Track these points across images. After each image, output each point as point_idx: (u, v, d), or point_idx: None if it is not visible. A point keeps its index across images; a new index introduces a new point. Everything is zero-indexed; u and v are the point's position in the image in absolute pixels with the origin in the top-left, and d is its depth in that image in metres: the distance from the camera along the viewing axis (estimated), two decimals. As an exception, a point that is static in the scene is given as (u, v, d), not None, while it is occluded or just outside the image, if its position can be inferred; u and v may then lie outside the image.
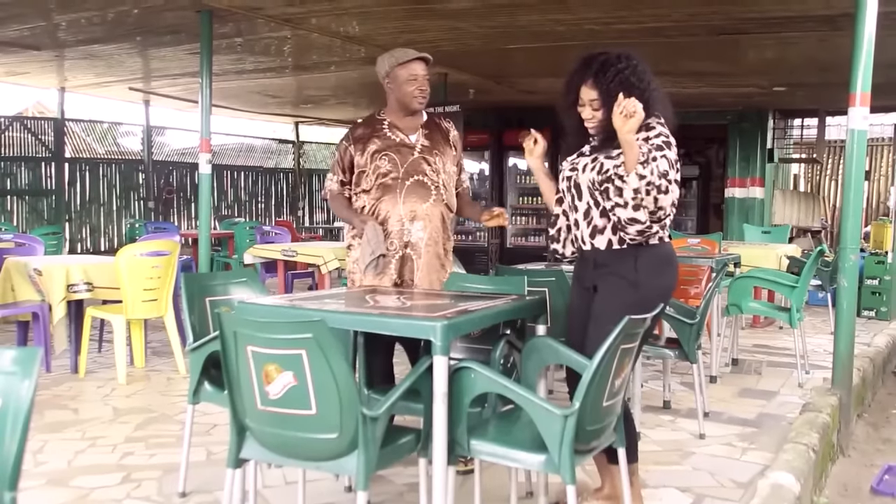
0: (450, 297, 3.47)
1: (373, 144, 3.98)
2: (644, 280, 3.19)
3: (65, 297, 5.78)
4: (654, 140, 3.09)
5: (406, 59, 3.94)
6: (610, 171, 3.11)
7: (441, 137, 4.08)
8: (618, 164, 3.09)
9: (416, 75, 3.93)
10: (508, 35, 8.59)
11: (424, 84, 3.96)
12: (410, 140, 4.01)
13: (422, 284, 3.94)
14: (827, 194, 18.06)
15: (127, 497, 3.65)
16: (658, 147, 3.06)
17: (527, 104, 13.40)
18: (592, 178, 3.21)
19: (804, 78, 10.89)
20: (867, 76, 4.62)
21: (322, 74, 11.59)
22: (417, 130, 4.04)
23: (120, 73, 11.66)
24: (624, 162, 3.04)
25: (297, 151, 19.14)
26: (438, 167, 4.00)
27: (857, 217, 4.78)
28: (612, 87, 3.11)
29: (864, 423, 5.49)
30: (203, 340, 3.57)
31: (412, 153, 3.98)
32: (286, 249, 7.99)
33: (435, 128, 4.11)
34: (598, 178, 3.18)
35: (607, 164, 3.15)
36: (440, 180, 4.00)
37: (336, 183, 4.09)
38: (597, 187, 3.20)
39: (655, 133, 3.13)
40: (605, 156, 3.18)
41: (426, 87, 3.97)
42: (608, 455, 3.28)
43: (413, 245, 3.94)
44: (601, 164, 3.18)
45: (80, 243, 14.57)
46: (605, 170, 3.15)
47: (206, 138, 7.43)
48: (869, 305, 9.23)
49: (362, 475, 2.54)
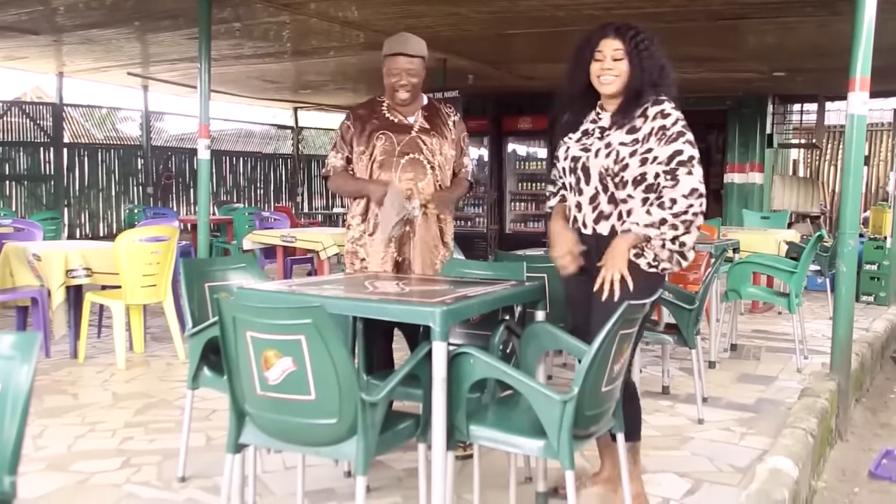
0: (449, 282, 3.47)
1: (370, 125, 4.00)
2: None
3: (64, 283, 5.78)
4: (673, 128, 3.09)
5: (390, 52, 3.94)
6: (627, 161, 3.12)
7: (440, 122, 4.08)
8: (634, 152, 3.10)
9: (398, 69, 3.91)
10: (507, 20, 8.56)
11: (404, 79, 3.92)
12: (408, 121, 4.03)
13: (416, 262, 3.94)
14: (826, 179, 18.03)
15: (126, 482, 3.66)
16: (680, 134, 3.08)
17: (526, 90, 13.37)
18: (607, 165, 3.16)
19: (804, 63, 10.86)
20: (867, 61, 4.60)
21: (321, 60, 11.55)
22: (416, 112, 4.05)
23: (118, 58, 11.62)
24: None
25: (296, 137, 19.09)
26: (434, 148, 4.00)
27: (857, 202, 4.78)
28: (638, 40, 3.13)
29: (862, 407, 5.50)
30: (202, 326, 3.57)
31: (409, 133, 3.99)
32: (285, 235, 7.99)
33: (435, 112, 4.10)
34: (615, 167, 3.14)
35: (624, 151, 3.12)
36: (436, 161, 4.00)
37: (341, 159, 4.08)
38: (610, 174, 3.16)
39: (672, 120, 3.11)
40: (620, 142, 3.14)
41: (407, 81, 3.92)
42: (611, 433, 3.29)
43: (410, 222, 3.93)
44: (616, 153, 3.14)
45: (79, 229, 14.56)
46: (621, 158, 3.12)
47: (205, 124, 7.40)
48: (868, 290, 9.23)
49: (361, 460, 2.54)
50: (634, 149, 3.11)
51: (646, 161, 3.10)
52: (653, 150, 3.09)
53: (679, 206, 3.01)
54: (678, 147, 3.06)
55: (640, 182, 3.12)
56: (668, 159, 3.05)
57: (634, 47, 3.13)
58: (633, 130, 3.14)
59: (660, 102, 3.14)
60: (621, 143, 3.14)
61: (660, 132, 3.10)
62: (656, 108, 3.13)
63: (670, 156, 3.05)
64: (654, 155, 3.09)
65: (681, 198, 3.01)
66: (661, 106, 3.13)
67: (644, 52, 3.13)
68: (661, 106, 3.13)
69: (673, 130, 3.08)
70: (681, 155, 3.05)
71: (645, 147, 3.11)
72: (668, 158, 3.05)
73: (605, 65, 3.17)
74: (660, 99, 3.15)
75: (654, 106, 3.14)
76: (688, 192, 3.01)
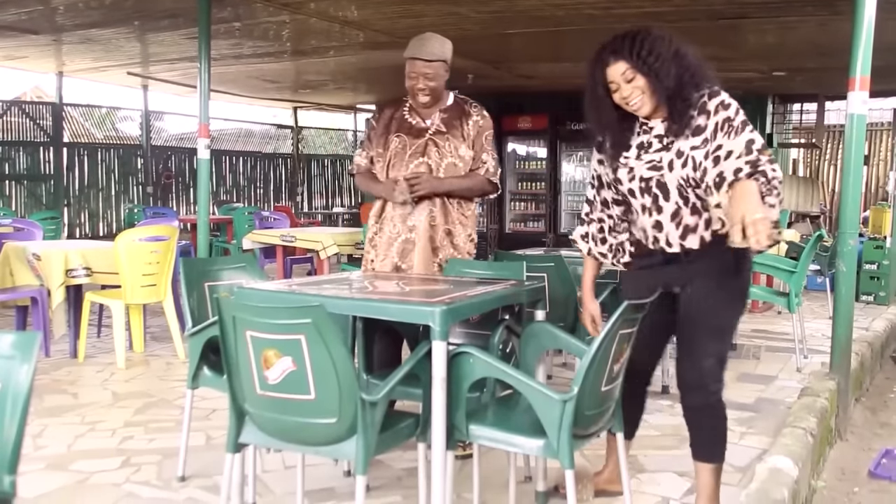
0: (448, 282, 3.47)
1: (390, 126, 4.06)
2: (743, 265, 3.04)
3: (63, 282, 5.78)
4: (737, 119, 2.87)
5: (408, 55, 3.94)
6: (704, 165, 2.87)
7: (461, 122, 4.06)
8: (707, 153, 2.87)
9: (416, 73, 3.92)
10: (507, 20, 8.55)
11: (421, 82, 3.92)
12: (426, 123, 4.04)
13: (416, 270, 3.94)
14: (826, 179, 18.03)
15: (126, 481, 3.66)
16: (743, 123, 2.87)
17: (526, 89, 13.36)
18: (686, 175, 2.93)
19: (804, 62, 10.85)
20: (867, 60, 4.60)
21: (321, 59, 11.54)
22: (435, 114, 4.06)
23: (118, 57, 11.61)
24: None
25: (296, 137, 19.08)
26: (447, 151, 3.98)
27: (856, 202, 4.78)
28: (637, 52, 2.89)
29: (862, 407, 5.50)
30: (202, 325, 3.57)
31: (423, 136, 4.01)
32: (285, 235, 7.99)
33: (457, 112, 4.09)
34: (696, 174, 2.91)
35: (698, 156, 2.90)
36: (444, 163, 3.97)
37: (365, 158, 4.14)
38: (691, 184, 2.94)
39: (735, 110, 2.90)
40: (692, 146, 2.92)
41: (424, 85, 3.93)
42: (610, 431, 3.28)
43: (415, 228, 3.93)
44: (693, 159, 2.92)
45: (79, 228, 14.54)
46: (699, 164, 2.89)
47: (205, 123, 7.40)
48: (867, 290, 9.23)
49: (361, 460, 2.55)
50: (706, 150, 2.88)
51: (718, 159, 2.84)
52: (724, 146, 2.84)
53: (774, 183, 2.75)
54: (749, 136, 2.82)
55: (720, 183, 2.82)
56: (746, 150, 2.78)
57: (637, 58, 2.89)
58: (699, 130, 2.93)
59: (716, 94, 2.93)
60: (693, 148, 2.92)
61: (725, 125, 2.87)
62: (715, 100, 2.92)
63: (746, 147, 2.79)
64: (726, 150, 2.83)
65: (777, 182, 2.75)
66: (720, 97, 2.92)
67: (649, 57, 2.89)
68: (720, 97, 2.92)
69: (738, 120, 2.87)
70: (755, 143, 2.80)
71: (715, 144, 2.87)
72: (745, 150, 2.79)
73: (623, 92, 2.96)
74: (714, 90, 2.94)
75: (711, 99, 2.92)
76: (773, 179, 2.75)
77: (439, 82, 3.97)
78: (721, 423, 3.17)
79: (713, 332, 3.05)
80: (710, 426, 3.16)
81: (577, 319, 4.49)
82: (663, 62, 2.89)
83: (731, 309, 3.11)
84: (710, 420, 3.16)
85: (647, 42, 2.90)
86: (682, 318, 3.09)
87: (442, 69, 3.96)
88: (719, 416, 3.16)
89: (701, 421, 3.15)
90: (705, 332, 3.05)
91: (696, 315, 3.04)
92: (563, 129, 13.93)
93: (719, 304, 3.04)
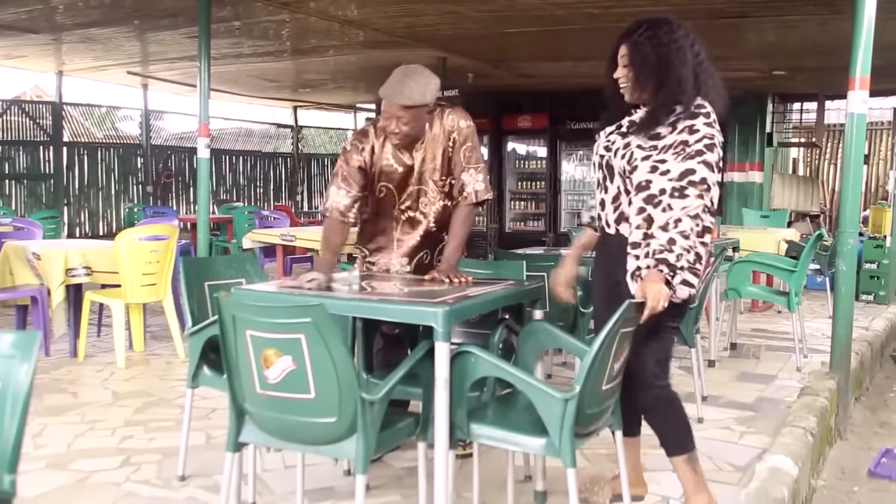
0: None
1: (374, 167, 3.67)
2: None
3: (63, 282, 5.78)
4: (694, 146, 2.87)
5: (384, 94, 3.51)
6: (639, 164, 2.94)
7: (441, 143, 3.70)
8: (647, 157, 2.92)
9: (389, 114, 3.51)
10: (507, 19, 8.55)
11: (395, 126, 3.51)
12: (412, 160, 3.69)
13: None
14: (826, 178, 18.03)
15: (126, 480, 3.66)
16: (698, 153, 2.86)
17: (526, 88, 13.37)
18: (622, 166, 3.01)
19: (804, 62, 10.86)
20: (867, 59, 4.60)
21: (321, 58, 11.55)
22: (421, 146, 3.68)
23: (118, 56, 11.62)
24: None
25: (296, 136, 19.09)
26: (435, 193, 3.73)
27: (856, 201, 4.78)
28: (639, 41, 2.97)
29: (861, 406, 5.51)
30: (202, 325, 3.57)
31: (409, 179, 3.70)
32: (285, 234, 7.98)
33: (437, 132, 3.69)
34: (627, 168, 2.99)
35: (638, 154, 2.96)
36: (434, 209, 3.76)
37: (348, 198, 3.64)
38: (627, 176, 3.01)
39: (697, 137, 2.89)
40: (638, 144, 2.98)
41: (396, 130, 3.52)
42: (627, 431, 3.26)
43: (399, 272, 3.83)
44: (631, 154, 2.99)
45: (79, 227, 14.55)
46: (633, 160, 2.96)
47: (205, 122, 7.40)
48: (867, 289, 9.23)
49: (361, 459, 2.54)
50: (649, 154, 2.94)
51: (655, 170, 2.90)
52: (666, 163, 2.89)
53: (685, 227, 2.82)
54: (692, 166, 2.85)
55: (643, 188, 2.92)
56: (680, 176, 2.85)
57: (634, 46, 2.98)
58: (656, 137, 2.96)
59: (695, 116, 2.92)
60: (638, 146, 2.98)
61: (679, 147, 2.89)
62: (688, 122, 2.92)
63: (682, 173, 2.85)
64: (666, 167, 2.89)
65: (686, 218, 2.82)
66: (694, 121, 2.91)
67: (636, 54, 2.97)
68: (694, 121, 2.91)
69: (693, 148, 2.87)
70: (692, 174, 2.84)
71: (660, 157, 2.92)
72: (680, 175, 2.85)
73: (618, 72, 3.06)
74: (697, 112, 2.93)
75: (687, 119, 2.92)
76: (693, 215, 2.83)
77: (417, 125, 3.56)
78: (674, 412, 3.17)
79: (646, 331, 2.95)
80: (664, 419, 3.15)
81: (576, 319, 4.50)
82: (646, 63, 2.97)
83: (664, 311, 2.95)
84: (662, 415, 3.15)
85: (649, 38, 2.97)
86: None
87: (421, 113, 3.54)
88: (669, 408, 3.16)
89: (655, 417, 3.15)
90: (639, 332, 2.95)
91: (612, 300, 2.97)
92: (563, 128, 13.94)
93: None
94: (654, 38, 2.97)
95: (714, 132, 2.93)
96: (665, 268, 2.81)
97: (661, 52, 2.96)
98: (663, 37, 2.97)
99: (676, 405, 3.17)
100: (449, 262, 3.59)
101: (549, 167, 14.36)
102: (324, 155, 20.13)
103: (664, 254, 2.82)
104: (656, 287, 2.80)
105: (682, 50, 2.97)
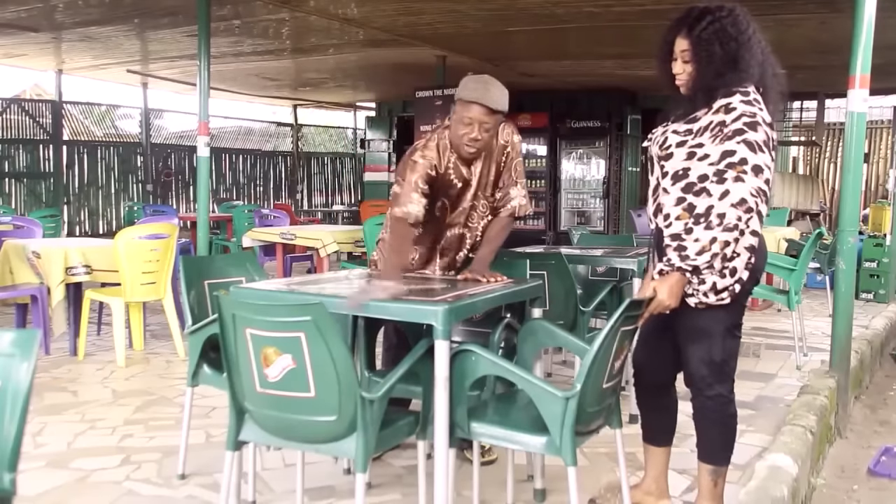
0: (449, 280, 3.47)
1: (437, 182, 3.56)
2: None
3: (63, 280, 5.78)
4: (732, 125, 2.70)
5: (469, 97, 3.40)
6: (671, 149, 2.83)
7: (496, 156, 3.66)
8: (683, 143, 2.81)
9: (471, 119, 3.40)
10: (507, 17, 8.56)
11: (476, 132, 3.40)
12: (471, 174, 3.62)
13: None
14: (826, 177, 18.03)
15: (126, 479, 3.66)
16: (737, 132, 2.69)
17: (526, 87, 13.35)
18: (656, 152, 2.90)
19: (804, 60, 10.85)
20: (867, 58, 4.60)
21: (320, 57, 11.55)
22: (480, 159, 3.63)
23: (118, 55, 11.62)
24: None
25: (296, 134, 19.09)
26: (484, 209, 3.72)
27: (856, 199, 4.77)
28: (704, 37, 2.77)
29: (861, 405, 5.50)
30: (202, 323, 3.57)
31: (465, 195, 3.65)
32: (285, 233, 7.98)
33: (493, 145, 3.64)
34: (661, 153, 2.88)
35: (672, 139, 2.84)
36: (481, 225, 3.75)
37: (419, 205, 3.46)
38: (661, 163, 2.90)
39: (735, 115, 2.71)
40: (674, 130, 2.86)
41: (479, 136, 3.41)
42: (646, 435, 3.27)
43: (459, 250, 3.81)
44: (665, 139, 2.87)
45: (79, 226, 14.56)
46: (667, 146, 2.85)
47: (205, 121, 7.40)
48: (867, 288, 9.24)
49: (361, 457, 2.54)
50: (684, 140, 2.81)
51: (693, 156, 2.78)
52: (704, 146, 2.77)
53: (729, 219, 2.65)
54: (731, 147, 2.68)
55: (680, 177, 2.81)
56: (720, 159, 2.70)
57: (698, 42, 2.79)
58: (692, 121, 2.83)
59: (731, 94, 2.75)
60: (673, 132, 2.86)
61: (717, 128, 2.74)
62: (724, 100, 2.75)
63: (722, 154, 2.70)
64: (704, 152, 2.76)
65: (729, 209, 2.65)
66: (730, 98, 2.74)
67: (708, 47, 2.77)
68: (730, 98, 2.74)
69: (731, 128, 2.71)
70: (731, 156, 2.68)
71: (696, 141, 2.79)
72: (720, 157, 2.70)
73: (676, 67, 2.88)
74: (734, 90, 2.76)
75: (722, 98, 2.76)
76: (737, 202, 2.65)
77: (493, 133, 3.52)
78: (719, 427, 3.08)
79: (689, 333, 2.96)
80: (706, 427, 3.10)
81: (576, 318, 4.49)
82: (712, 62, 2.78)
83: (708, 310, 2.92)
84: (705, 422, 3.09)
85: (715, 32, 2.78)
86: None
87: (500, 122, 3.53)
88: (716, 419, 3.06)
89: (699, 422, 3.13)
90: (682, 334, 2.98)
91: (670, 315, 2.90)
92: (564, 126, 13.93)
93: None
94: (721, 31, 2.78)
95: (755, 110, 2.73)
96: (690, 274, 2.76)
97: (729, 48, 2.78)
98: (730, 29, 2.78)
99: (721, 421, 3.07)
100: (482, 263, 3.56)
101: (550, 166, 14.35)
102: (324, 153, 20.13)
103: (695, 259, 2.71)
104: (665, 287, 2.77)
105: (750, 43, 2.80)
